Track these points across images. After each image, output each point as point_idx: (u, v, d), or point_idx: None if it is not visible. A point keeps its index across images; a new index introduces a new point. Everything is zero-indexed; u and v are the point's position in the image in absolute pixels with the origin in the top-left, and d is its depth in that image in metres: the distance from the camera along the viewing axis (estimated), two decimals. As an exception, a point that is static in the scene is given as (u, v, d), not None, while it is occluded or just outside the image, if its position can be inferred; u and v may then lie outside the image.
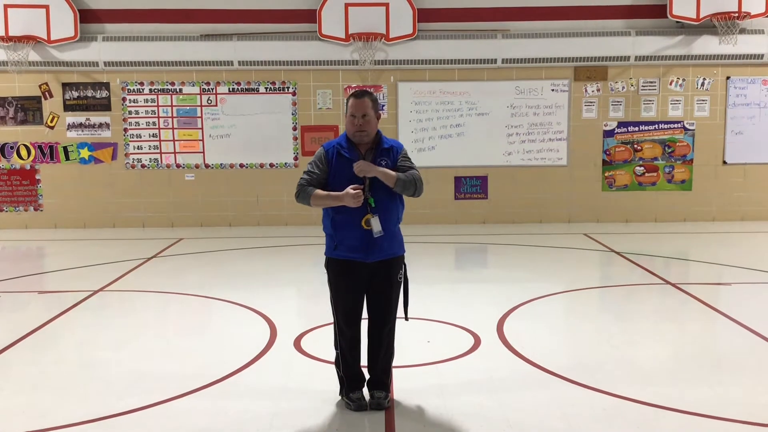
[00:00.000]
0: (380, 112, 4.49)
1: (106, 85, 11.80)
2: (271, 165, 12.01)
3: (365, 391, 4.51)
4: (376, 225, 4.25)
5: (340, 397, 4.54)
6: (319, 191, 4.29)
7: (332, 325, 4.55)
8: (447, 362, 5.26)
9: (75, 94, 11.80)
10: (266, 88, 11.86)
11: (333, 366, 4.66)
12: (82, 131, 11.89)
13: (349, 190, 4.19)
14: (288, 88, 11.86)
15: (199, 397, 4.65)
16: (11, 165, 11.94)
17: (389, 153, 4.38)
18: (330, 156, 4.35)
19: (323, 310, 6.75)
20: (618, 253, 9.46)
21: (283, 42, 11.60)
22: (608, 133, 11.98)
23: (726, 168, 12.02)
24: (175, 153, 11.95)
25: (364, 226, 4.27)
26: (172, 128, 11.92)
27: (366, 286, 4.41)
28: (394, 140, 4.52)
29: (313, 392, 4.69)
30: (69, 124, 11.87)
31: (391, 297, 4.44)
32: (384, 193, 4.30)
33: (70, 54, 11.53)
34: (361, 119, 4.31)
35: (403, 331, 4.70)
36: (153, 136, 11.92)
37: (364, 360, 4.56)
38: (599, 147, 12.01)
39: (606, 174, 12.05)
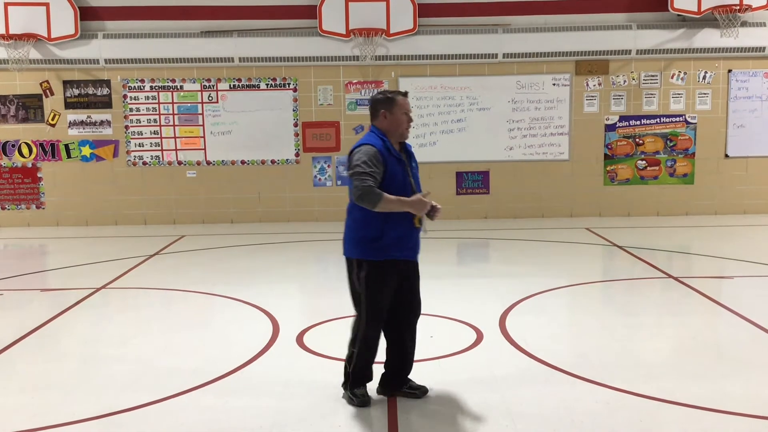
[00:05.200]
0: None
1: (107, 83, 11.80)
2: (273, 161, 12.00)
3: (367, 387, 4.51)
4: (427, 223, 4.35)
5: (342, 392, 4.54)
6: (389, 195, 4.17)
7: (353, 323, 4.50)
8: (449, 357, 5.26)
9: (76, 91, 11.80)
10: (267, 85, 11.85)
11: (337, 362, 4.65)
12: (84, 129, 11.90)
13: (422, 198, 4.22)
14: (289, 84, 11.85)
15: (202, 393, 4.66)
16: (13, 163, 11.95)
17: (412, 153, 4.54)
18: (384, 155, 4.27)
19: (325, 306, 6.77)
20: (620, 247, 9.46)
21: (284, 38, 11.59)
22: (610, 127, 11.96)
23: (728, 161, 12.00)
24: (176, 150, 11.95)
25: (416, 225, 4.32)
26: (174, 125, 11.92)
27: (399, 284, 4.42)
28: None
29: (316, 388, 4.70)
30: (70, 122, 11.87)
31: (419, 290, 4.54)
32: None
33: (71, 51, 11.53)
34: (409, 116, 4.42)
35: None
36: (154, 134, 11.92)
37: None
38: (601, 141, 11.99)
39: (608, 168, 12.04)
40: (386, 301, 4.37)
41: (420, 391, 4.53)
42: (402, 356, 4.52)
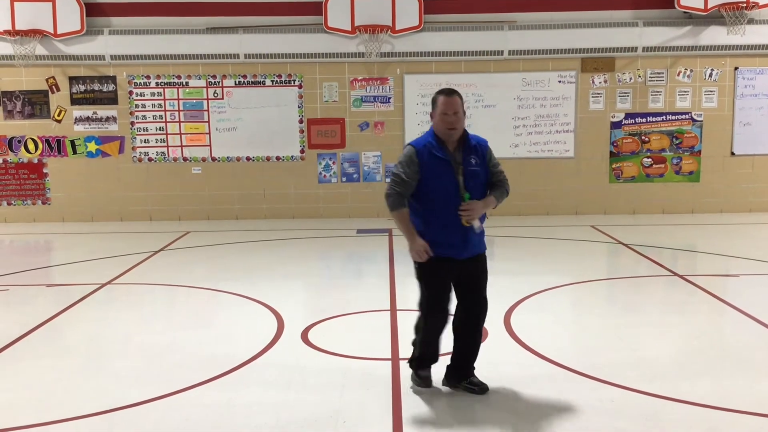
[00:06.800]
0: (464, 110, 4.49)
1: (112, 79, 11.81)
2: (278, 158, 12.01)
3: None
4: (477, 222, 4.34)
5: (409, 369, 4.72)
6: (406, 215, 4.36)
7: (417, 313, 4.64)
8: (454, 354, 5.25)
9: (82, 87, 11.82)
10: (272, 81, 11.85)
11: (341, 358, 4.63)
12: (90, 125, 11.92)
13: (424, 248, 4.29)
14: (294, 80, 11.85)
15: (207, 389, 4.67)
16: (19, 159, 11.98)
17: (476, 150, 4.43)
18: (421, 156, 4.34)
19: (330, 303, 6.78)
20: (625, 244, 9.44)
21: (289, 35, 11.58)
22: (615, 125, 11.93)
23: (734, 159, 11.96)
24: (181, 146, 11.96)
25: (464, 224, 4.32)
26: (179, 121, 11.93)
27: (455, 280, 4.49)
28: (476, 136, 4.51)
29: (320, 384, 4.70)
30: (76, 118, 11.89)
31: (484, 288, 4.59)
32: (478, 194, 4.38)
33: (77, 48, 11.54)
34: (453, 116, 4.34)
35: (410, 322, 4.70)
36: (160, 130, 11.93)
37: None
38: (606, 138, 11.96)
39: (613, 166, 12.01)
40: (440, 296, 4.45)
41: (479, 388, 4.54)
42: (460, 351, 4.60)
